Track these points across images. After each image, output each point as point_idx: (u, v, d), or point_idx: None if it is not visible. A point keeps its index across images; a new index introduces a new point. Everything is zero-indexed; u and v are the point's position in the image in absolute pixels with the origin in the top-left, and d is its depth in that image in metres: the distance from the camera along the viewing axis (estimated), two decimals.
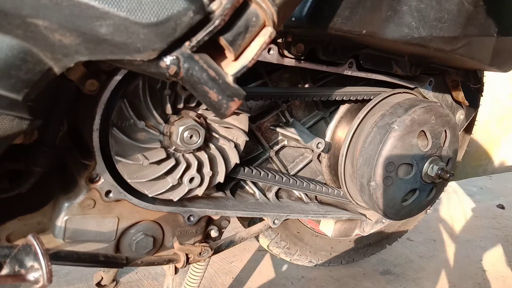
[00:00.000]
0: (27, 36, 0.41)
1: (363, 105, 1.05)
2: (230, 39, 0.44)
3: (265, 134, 1.02)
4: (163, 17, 0.40)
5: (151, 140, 0.75)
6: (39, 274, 0.35)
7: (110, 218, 0.77)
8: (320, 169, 1.14)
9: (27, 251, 0.36)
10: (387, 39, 0.80)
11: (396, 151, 0.95)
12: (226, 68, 0.46)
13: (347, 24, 0.75)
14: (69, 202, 0.73)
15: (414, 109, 0.97)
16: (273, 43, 0.82)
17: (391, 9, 0.77)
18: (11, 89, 0.43)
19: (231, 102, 0.45)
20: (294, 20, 0.73)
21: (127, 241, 0.81)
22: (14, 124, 0.45)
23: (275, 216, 0.99)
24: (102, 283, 1.30)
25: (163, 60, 0.42)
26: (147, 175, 0.76)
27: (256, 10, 0.44)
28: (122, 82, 0.68)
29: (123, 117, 0.71)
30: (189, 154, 0.80)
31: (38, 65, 0.43)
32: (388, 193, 0.96)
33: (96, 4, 0.39)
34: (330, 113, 1.11)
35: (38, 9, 0.39)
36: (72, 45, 0.41)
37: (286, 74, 1.00)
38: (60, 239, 0.74)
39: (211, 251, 0.91)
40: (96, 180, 0.73)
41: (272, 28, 0.45)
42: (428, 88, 1.14)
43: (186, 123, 0.75)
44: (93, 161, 0.71)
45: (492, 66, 1.03)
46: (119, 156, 0.72)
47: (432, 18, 0.81)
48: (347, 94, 1.00)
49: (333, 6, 0.72)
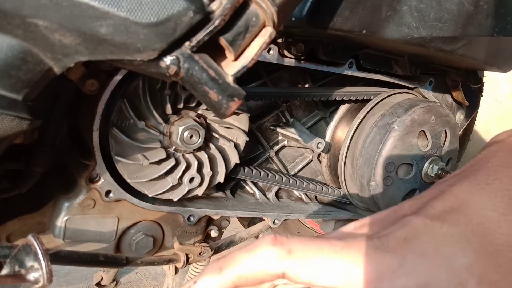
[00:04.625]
0: (27, 36, 0.41)
1: (363, 105, 1.05)
2: (230, 39, 0.44)
3: (265, 134, 1.02)
4: (163, 17, 0.40)
5: (151, 140, 0.75)
6: (39, 274, 0.35)
7: (110, 218, 0.77)
8: (320, 169, 1.14)
9: (27, 251, 0.36)
10: (387, 39, 0.80)
11: (396, 151, 0.95)
12: (226, 68, 0.46)
13: (347, 24, 0.75)
14: (69, 202, 0.73)
15: (414, 109, 0.97)
16: (273, 43, 0.82)
17: (391, 9, 0.77)
18: (11, 89, 0.43)
19: (231, 102, 0.45)
20: (294, 20, 0.73)
21: (127, 241, 0.81)
22: (14, 124, 0.45)
23: (275, 216, 0.99)
24: (102, 283, 1.30)
25: (163, 60, 0.42)
26: (147, 175, 0.76)
27: (256, 10, 0.44)
28: (122, 82, 0.68)
29: (123, 117, 0.71)
30: (189, 154, 0.80)
31: (38, 65, 0.43)
32: (388, 193, 0.96)
33: (96, 4, 0.39)
34: (330, 113, 1.11)
35: (38, 9, 0.38)
36: (72, 45, 0.41)
37: (286, 74, 1.00)
38: (60, 239, 0.74)
39: (211, 251, 0.91)
40: (96, 180, 0.73)
41: (272, 28, 0.45)
42: (428, 88, 1.14)
43: (186, 123, 0.75)
44: (93, 161, 0.71)
45: (492, 66, 1.03)
46: (119, 156, 0.72)
47: (432, 18, 0.81)
48: (347, 94, 1.00)
49: (333, 6, 0.72)
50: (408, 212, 0.32)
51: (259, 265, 0.28)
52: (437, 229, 0.29)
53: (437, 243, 0.28)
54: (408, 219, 0.30)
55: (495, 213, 0.28)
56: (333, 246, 0.29)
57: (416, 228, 0.29)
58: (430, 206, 0.31)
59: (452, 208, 0.30)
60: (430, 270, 0.27)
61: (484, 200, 0.29)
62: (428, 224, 0.29)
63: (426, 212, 0.30)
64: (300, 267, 0.28)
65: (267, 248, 0.28)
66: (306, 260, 0.28)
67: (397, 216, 0.32)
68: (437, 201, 0.31)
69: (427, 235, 0.29)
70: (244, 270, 0.28)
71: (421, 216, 0.30)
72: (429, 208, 0.31)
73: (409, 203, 0.33)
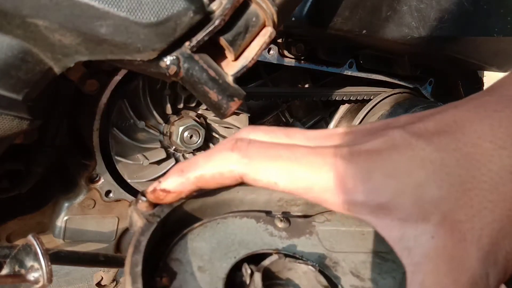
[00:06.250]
0: (27, 36, 0.41)
1: (363, 105, 1.05)
2: (230, 39, 0.44)
3: None
4: (163, 17, 0.40)
5: (151, 140, 0.75)
6: (39, 274, 0.35)
7: (110, 218, 0.77)
8: None
9: (27, 251, 0.36)
10: (387, 39, 0.80)
11: None
12: (226, 68, 0.46)
13: (347, 24, 0.75)
14: (69, 202, 0.73)
15: (414, 109, 0.97)
16: (273, 43, 0.82)
17: (391, 9, 0.77)
18: (11, 89, 0.43)
19: (231, 102, 0.45)
20: (294, 20, 0.73)
21: (127, 241, 0.81)
22: (14, 124, 0.45)
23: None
24: (102, 283, 1.30)
25: (163, 60, 0.42)
26: (147, 175, 0.76)
27: (256, 10, 0.44)
28: (122, 82, 0.68)
29: (123, 117, 0.71)
30: (189, 154, 0.80)
31: (38, 65, 0.43)
32: None
33: (96, 4, 0.39)
34: (330, 113, 1.11)
35: (38, 9, 0.38)
36: (72, 45, 0.41)
37: (286, 74, 1.00)
38: (60, 239, 0.74)
39: None
40: (96, 180, 0.73)
41: (272, 28, 0.45)
42: (428, 88, 1.14)
43: (186, 123, 0.75)
44: (93, 161, 0.71)
45: (492, 66, 1.03)
46: (119, 156, 0.72)
47: (432, 18, 0.81)
48: (347, 94, 1.00)
49: (333, 6, 0.73)
50: (399, 125, 0.28)
51: (216, 167, 0.29)
52: (418, 150, 0.25)
53: (412, 165, 0.25)
54: (388, 132, 0.27)
55: (491, 145, 0.25)
56: (294, 153, 0.27)
57: (394, 143, 0.26)
58: (421, 123, 0.27)
59: (445, 131, 0.26)
60: (395, 194, 0.25)
61: (485, 129, 0.25)
62: (410, 142, 0.26)
63: (414, 128, 0.27)
64: (257, 172, 0.27)
65: (225, 153, 0.29)
66: (263, 165, 0.27)
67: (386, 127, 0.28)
68: (431, 119, 0.27)
69: (404, 153, 0.25)
70: (203, 172, 0.29)
71: (405, 131, 0.26)
72: (419, 124, 0.27)
73: (407, 117, 0.29)
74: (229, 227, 0.33)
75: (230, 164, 0.28)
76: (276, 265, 0.30)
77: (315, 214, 0.37)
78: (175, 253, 0.29)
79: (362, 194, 0.25)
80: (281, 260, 0.30)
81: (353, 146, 0.27)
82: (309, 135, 0.30)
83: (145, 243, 0.27)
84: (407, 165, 0.25)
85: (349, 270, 0.32)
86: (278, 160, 0.27)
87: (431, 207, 0.24)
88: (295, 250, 0.33)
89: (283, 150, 0.28)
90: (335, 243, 0.35)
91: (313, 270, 0.30)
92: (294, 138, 0.30)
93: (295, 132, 0.31)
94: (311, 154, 0.27)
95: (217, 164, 0.29)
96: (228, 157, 0.28)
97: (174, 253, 0.29)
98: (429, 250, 0.24)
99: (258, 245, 0.32)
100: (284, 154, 0.28)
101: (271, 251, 0.31)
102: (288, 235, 0.34)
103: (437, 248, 0.24)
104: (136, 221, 0.30)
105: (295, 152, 0.28)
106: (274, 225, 0.34)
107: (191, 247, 0.30)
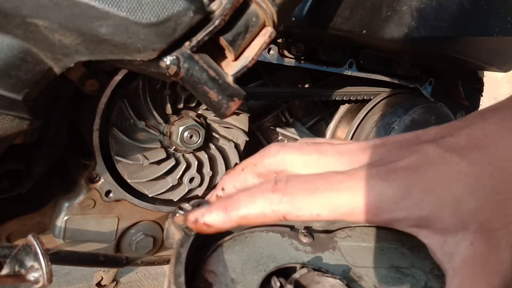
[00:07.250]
0: (27, 36, 0.41)
1: (363, 105, 1.05)
2: (230, 39, 0.44)
3: (265, 134, 1.02)
4: (163, 17, 0.40)
5: (151, 140, 0.75)
6: (39, 274, 0.35)
7: (110, 218, 0.77)
8: None
9: (27, 251, 0.36)
10: (387, 39, 0.80)
11: None
12: (226, 68, 0.46)
13: (347, 24, 0.75)
14: (69, 202, 0.73)
15: (414, 109, 0.97)
16: (273, 43, 0.82)
17: (391, 9, 0.78)
18: (11, 89, 0.43)
19: (231, 102, 0.46)
20: (294, 20, 0.73)
21: (127, 241, 0.81)
22: (14, 124, 0.45)
23: None
24: (102, 283, 1.31)
25: (163, 60, 0.42)
26: (147, 175, 0.76)
27: (256, 10, 0.44)
28: (122, 82, 0.68)
29: (123, 117, 0.71)
30: (189, 154, 0.80)
31: (38, 65, 0.43)
32: None
33: (96, 4, 0.39)
34: (330, 113, 1.10)
35: (38, 9, 0.39)
36: (72, 45, 0.41)
37: (286, 74, 1.00)
38: (60, 239, 0.74)
39: None
40: (96, 180, 0.73)
41: (272, 28, 0.45)
42: (428, 88, 1.14)
43: (186, 123, 0.75)
44: (93, 161, 0.71)
45: (492, 66, 1.03)
46: (119, 156, 0.72)
47: (432, 18, 0.81)
48: (347, 94, 1.00)
49: (333, 6, 0.73)
50: (430, 138, 0.29)
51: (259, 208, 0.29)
52: (453, 165, 0.27)
53: (448, 179, 0.26)
54: (423, 147, 0.28)
55: None
56: (330, 182, 0.28)
57: (428, 159, 0.27)
58: (452, 137, 0.28)
59: (477, 145, 0.27)
60: (434, 207, 0.26)
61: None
62: (444, 157, 0.27)
63: (446, 142, 0.28)
64: (299, 209, 0.28)
65: (267, 194, 0.29)
66: (304, 201, 0.28)
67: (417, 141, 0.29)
68: (463, 134, 0.28)
69: (439, 169, 0.27)
70: (247, 212, 0.29)
71: (438, 146, 0.28)
72: (451, 139, 0.28)
73: (436, 129, 0.30)
74: (257, 241, 0.34)
75: (273, 205, 0.29)
76: (305, 279, 0.31)
77: (336, 230, 0.38)
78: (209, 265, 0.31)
79: (403, 210, 0.27)
80: (310, 273, 0.31)
81: (389, 164, 0.28)
82: (340, 149, 0.31)
83: (185, 254, 0.28)
84: (444, 179, 0.27)
85: (372, 285, 0.33)
86: (316, 193, 0.28)
87: (469, 217, 0.26)
88: (320, 264, 0.34)
89: (320, 181, 0.29)
90: (357, 258, 0.36)
91: (340, 284, 0.31)
92: (326, 153, 0.31)
93: (326, 147, 0.32)
94: (347, 179, 0.28)
95: (260, 205, 0.29)
96: (270, 198, 0.29)
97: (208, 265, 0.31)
98: (467, 256, 0.26)
99: (285, 259, 0.33)
100: (322, 186, 0.28)
101: (299, 265, 0.32)
102: (312, 249, 0.35)
103: (474, 253, 0.26)
104: (173, 233, 0.31)
105: (332, 181, 0.29)
106: (299, 240, 0.35)
107: (223, 259, 0.31)
